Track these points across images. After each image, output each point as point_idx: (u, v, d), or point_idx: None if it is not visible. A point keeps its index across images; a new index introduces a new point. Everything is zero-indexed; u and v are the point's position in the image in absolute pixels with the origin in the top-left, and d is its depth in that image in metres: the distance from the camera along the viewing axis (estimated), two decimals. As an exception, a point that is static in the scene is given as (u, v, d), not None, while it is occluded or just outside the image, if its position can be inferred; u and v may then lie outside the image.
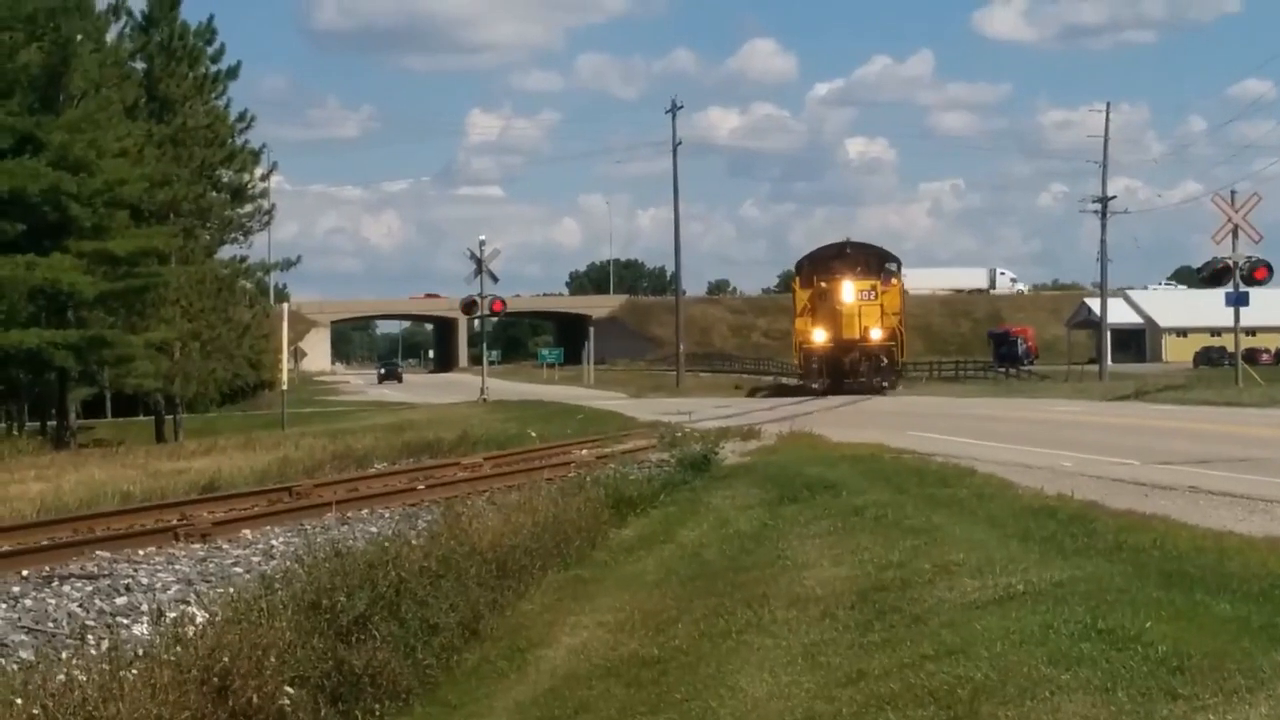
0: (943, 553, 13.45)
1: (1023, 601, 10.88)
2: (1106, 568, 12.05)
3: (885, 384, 66.54)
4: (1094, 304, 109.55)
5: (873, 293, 67.34)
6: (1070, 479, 20.25)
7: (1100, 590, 10.93)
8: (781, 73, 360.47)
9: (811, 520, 17.20)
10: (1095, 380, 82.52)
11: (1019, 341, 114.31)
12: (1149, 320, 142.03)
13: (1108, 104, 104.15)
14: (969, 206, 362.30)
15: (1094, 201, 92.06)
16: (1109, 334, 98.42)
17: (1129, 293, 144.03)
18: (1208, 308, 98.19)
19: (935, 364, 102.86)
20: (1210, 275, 64.37)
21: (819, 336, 67.15)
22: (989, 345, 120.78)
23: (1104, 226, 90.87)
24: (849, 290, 66.75)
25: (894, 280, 70.29)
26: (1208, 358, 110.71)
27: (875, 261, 70.91)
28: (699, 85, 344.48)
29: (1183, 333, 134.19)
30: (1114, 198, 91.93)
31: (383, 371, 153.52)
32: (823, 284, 68.19)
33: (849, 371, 66.49)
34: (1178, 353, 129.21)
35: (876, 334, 66.74)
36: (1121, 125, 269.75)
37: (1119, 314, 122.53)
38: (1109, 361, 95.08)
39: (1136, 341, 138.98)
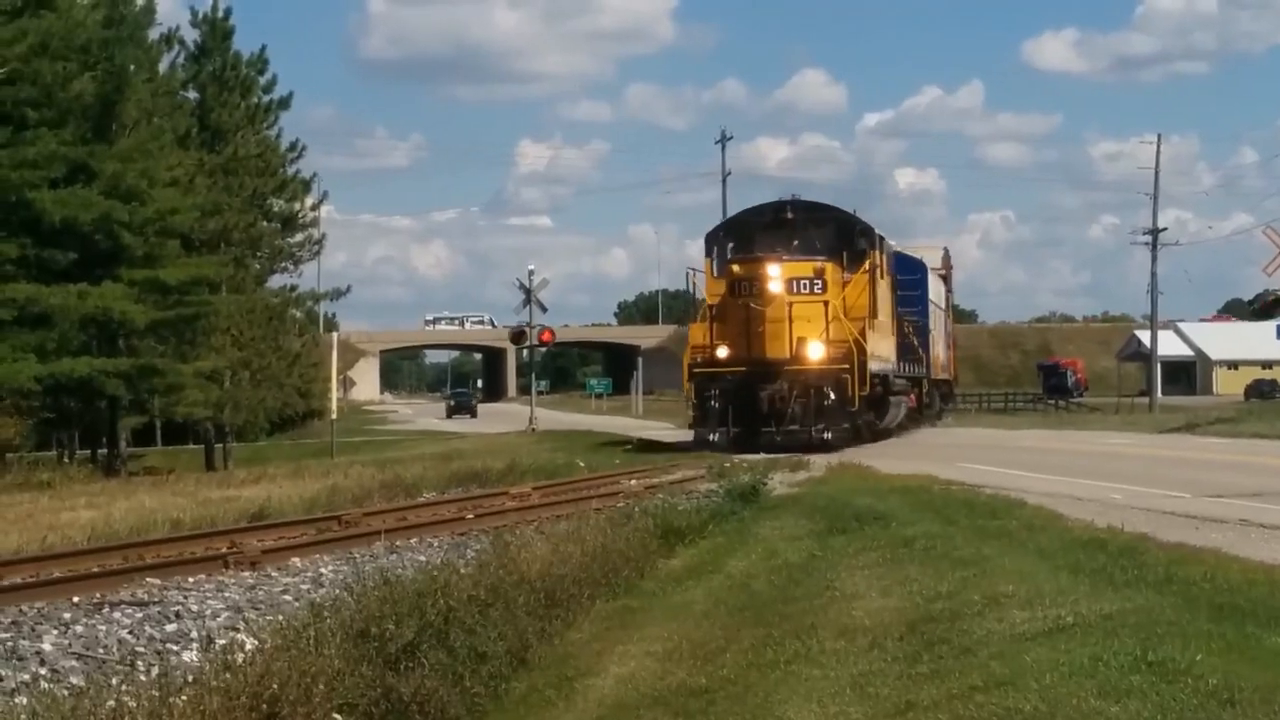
0: (992, 584, 13.40)
1: (1072, 633, 10.83)
2: (1157, 600, 12.00)
3: (828, 435, 40.17)
4: (1144, 336, 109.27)
5: (817, 283, 41.75)
6: (1120, 511, 20.16)
7: (1150, 623, 10.88)
8: (831, 103, 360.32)
9: (860, 551, 17.15)
10: (1145, 412, 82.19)
11: (1069, 373, 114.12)
12: (1199, 353, 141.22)
13: (1159, 135, 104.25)
14: (1019, 238, 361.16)
15: (1144, 233, 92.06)
16: (1159, 366, 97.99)
17: (1179, 325, 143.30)
18: (1259, 340, 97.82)
19: (984, 396, 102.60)
20: (1261, 308, 64.22)
21: (724, 354, 41.40)
22: (1038, 377, 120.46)
23: (1154, 258, 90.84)
24: (774, 278, 41.14)
25: (866, 263, 43.74)
26: (1259, 390, 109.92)
27: (831, 234, 44.02)
28: (748, 116, 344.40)
29: (1233, 365, 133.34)
30: (1164, 229, 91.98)
31: (453, 403, 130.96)
32: (736, 268, 42.17)
33: (771, 413, 40.23)
34: (1229, 385, 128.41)
35: (817, 352, 40.71)
36: (1172, 157, 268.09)
37: (1169, 346, 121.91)
38: (1159, 394, 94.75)
39: (1187, 374, 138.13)
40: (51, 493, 35.26)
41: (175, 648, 12.81)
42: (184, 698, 10.02)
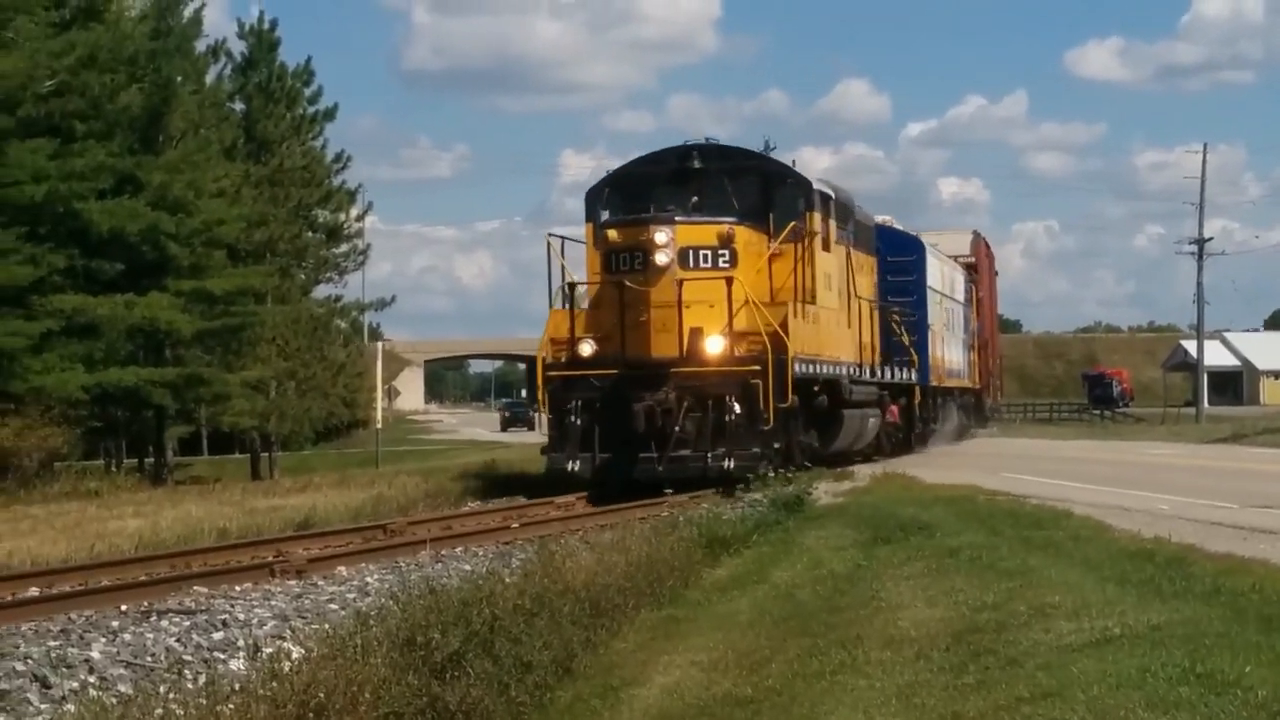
0: (1038, 595, 13.36)
1: (1120, 645, 10.79)
2: (1205, 611, 11.94)
3: (729, 463, 28.77)
4: (1190, 346, 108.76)
5: (722, 253, 30.44)
6: (1167, 522, 20.06)
7: (1198, 634, 10.83)
8: (874, 113, 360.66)
9: (906, 561, 17.12)
10: (1192, 423, 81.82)
11: (1114, 383, 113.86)
12: (1246, 363, 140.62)
13: (1204, 145, 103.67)
14: (1063, 248, 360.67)
15: (1190, 243, 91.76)
16: (1206, 376, 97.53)
17: (1226, 335, 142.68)
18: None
19: (1029, 406, 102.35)
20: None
21: (588, 351, 30.52)
22: (1083, 387, 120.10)
23: (1200, 268, 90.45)
24: (662, 246, 29.81)
25: (816, 231, 32.63)
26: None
27: (753, 189, 32.56)
28: (791, 125, 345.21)
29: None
30: (1210, 239, 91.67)
31: (508, 414, 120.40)
32: (612, 234, 30.63)
33: (652, 434, 29.15)
34: (1276, 395, 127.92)
35: (716, 347, 29.72)
36: (1218, 166, 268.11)
37: (1216, 356, 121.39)
38: (1206, 404, 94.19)
39: (1234, 384, 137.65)
40: (99, 501, 35.42)
41: (222, 656, 12.87)
42: (231, 706, 10.07)
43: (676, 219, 29.96)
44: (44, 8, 43.28)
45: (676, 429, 28.78)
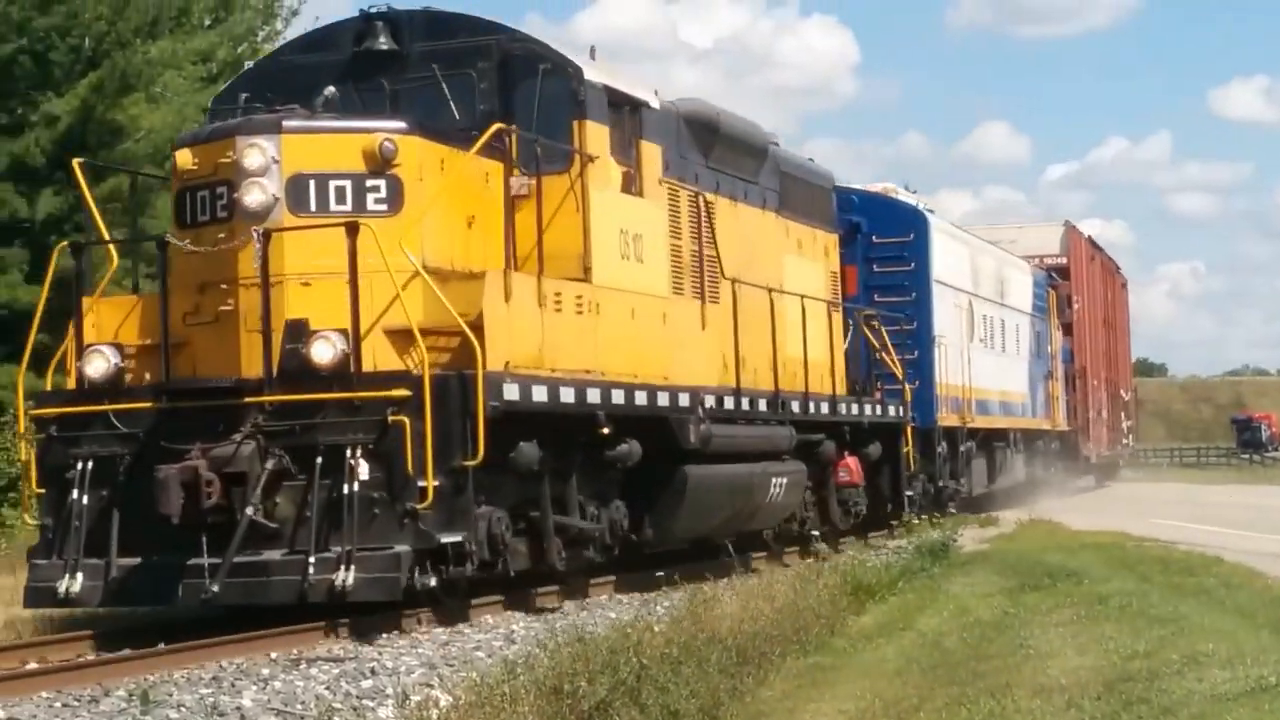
0: (1190, 643, 13.22)
1: (1275, 694, 10.64)
2: (1363, 659, 11.77)
3: (347, 581, 15.42)
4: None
5: (379, 188, 16.80)
6: (1321, 568, 19.79)
7: (1356, 683, 10.67)
8: (1014, 156, 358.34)
9: (1054, 608, 16.99)
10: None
11: (1262, 427, 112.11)
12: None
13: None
14: (1208, 289, 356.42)
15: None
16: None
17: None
18: None
19: (1176, 450, 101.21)
20: None
21: (101, 369, 16.92)
22: (1231, 431, 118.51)
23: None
24: (255, 173, 16.46)
25: (595, 155, 18.95)
26: None
27: (491, 83, 19.06)
28: (931, 169, 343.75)
29: None
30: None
31: None
32: (182, 158, 17.34)
33: (202, 522, 15.60)
34: None
35: (328, 353, 15.89)
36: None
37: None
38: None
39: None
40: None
41: (371, 704, 12.95)
42: (382, 753, 10.14)
43: (286, 124, 16.79)
44: (191, 63, 44.00)
45: (251, 510, 15.63)
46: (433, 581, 16.15)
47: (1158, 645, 13.46)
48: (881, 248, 32.17)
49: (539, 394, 17.23)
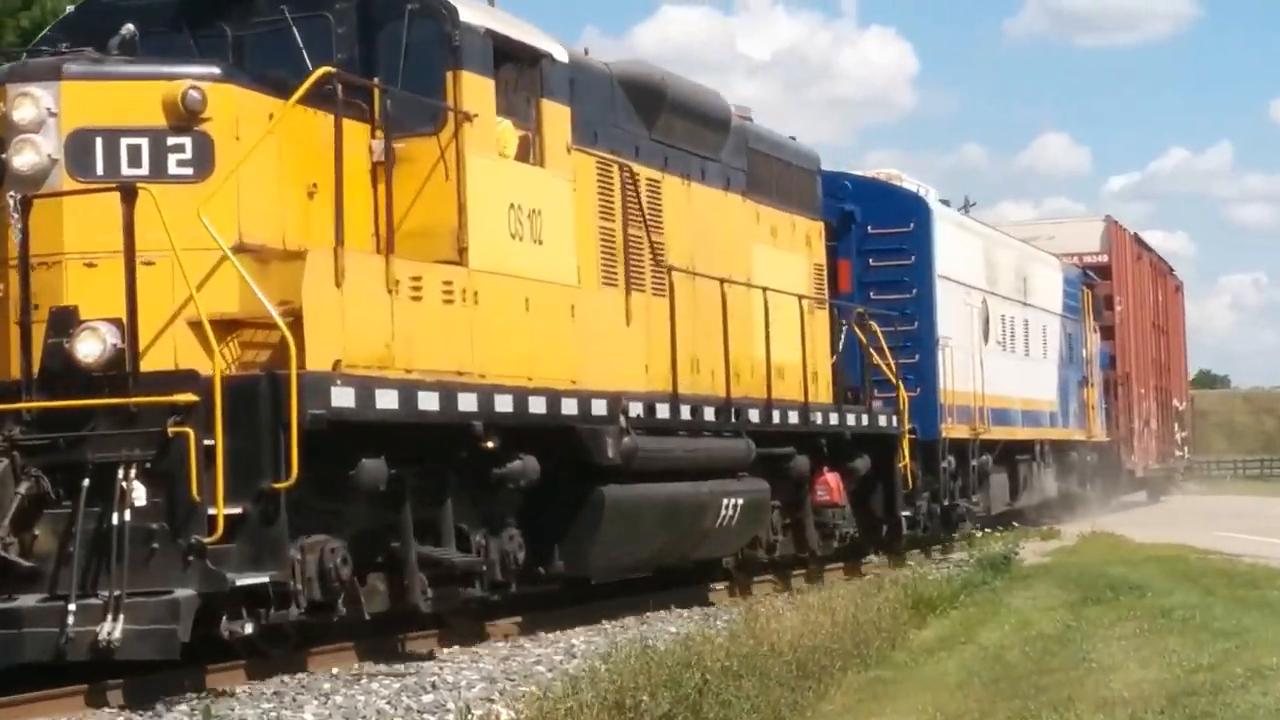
0: (1255, 656, 13.14)
1: (1341, 707, 10.58)
2: None
3: (137, 623, 12.23)
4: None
5: (183, 148, 13.78)
6: (1387, 581, 19.65)
7: None
8: (1074, 167, 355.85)
9: (1116, 622, 16.90)
10: None
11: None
12: None
13: None
14: (1271, 300, 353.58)
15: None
16: None
17: None
18: None
19: (1239, 463, 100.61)
20: None
21: None
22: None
23: None
24: (30, 125, 13.46)
25: (475, 113, 15.56)
26: None
27: (350, 30, 15.74)
28: (989, 180, 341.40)
29: None
30: None
31: None
32: None
33: None
34: None
35: (94, 350, 12.88)
36: None
37: None
38: None
39: None
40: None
41: (432, 718, 13.00)
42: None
43: (68, 69, 13.91)
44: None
45: (0, 546, 12.60)
46: (248, 629, 13.29)
47: (1221, 659, 13.38)
48: (878, 239, 29.07)
49: (386, 400, 14.13)
